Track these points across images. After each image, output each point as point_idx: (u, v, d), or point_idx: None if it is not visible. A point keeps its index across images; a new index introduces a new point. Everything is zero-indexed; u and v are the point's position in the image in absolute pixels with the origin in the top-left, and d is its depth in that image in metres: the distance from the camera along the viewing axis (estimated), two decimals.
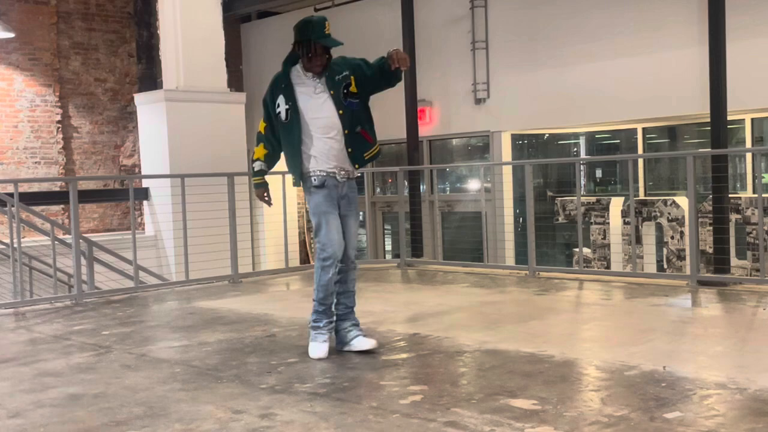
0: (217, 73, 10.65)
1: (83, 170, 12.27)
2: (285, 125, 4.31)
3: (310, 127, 4.27)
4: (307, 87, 4.30)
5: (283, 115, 4.30)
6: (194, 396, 3.57)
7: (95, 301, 6.71)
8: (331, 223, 4.21)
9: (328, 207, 4.23)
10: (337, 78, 4.28)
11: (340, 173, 4.28)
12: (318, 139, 4.27)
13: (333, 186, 4.27)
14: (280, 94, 4.32)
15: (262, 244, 11.85)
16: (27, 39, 11.65)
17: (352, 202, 4.37)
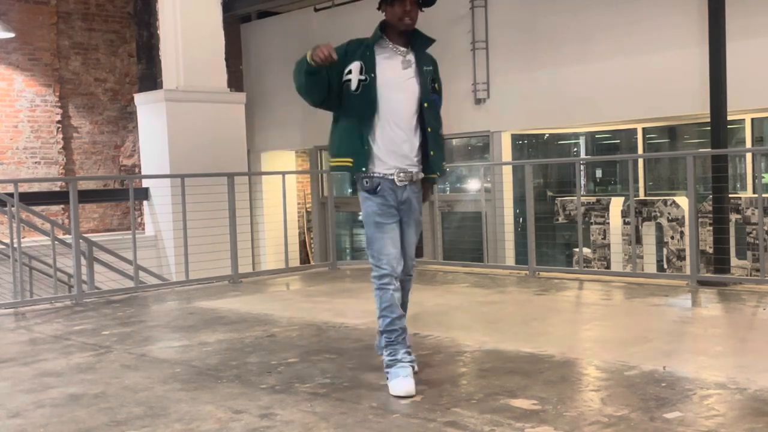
0: (217, 73, 10.65)
1: (83, 170, 12.27)
2: (352, 97, 3.53)
3: (381, 110, 3.55)
4: (392, 59, 3.59)
5: (353, 84, 3.52)
6: (194, 396, 3.56)
7: (95, 301, 6.71)
8: (387, 236, 3.54)
9: (384, 217, 3.55)
10: (425, 68, 3.66)
11: (400, 176, 3.58)
12: (386, 128, 3.55)
13: (390, 190, 3.57)
14: (359, 61, 3.55)
15: (262, 244, 11.87)
16: (27, 39, 11.65)
17: (415, 208, 3.69)
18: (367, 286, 7.18)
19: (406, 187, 3.60)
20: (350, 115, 3.55)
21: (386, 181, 3.57)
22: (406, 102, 3.57)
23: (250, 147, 12.17)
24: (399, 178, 3.57)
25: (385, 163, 3.57)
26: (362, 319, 5.23)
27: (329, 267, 8.48)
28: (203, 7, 10.52)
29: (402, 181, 3.58)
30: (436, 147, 3.68)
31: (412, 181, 3.61)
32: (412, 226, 3.71)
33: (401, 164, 3.59)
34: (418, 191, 3.69)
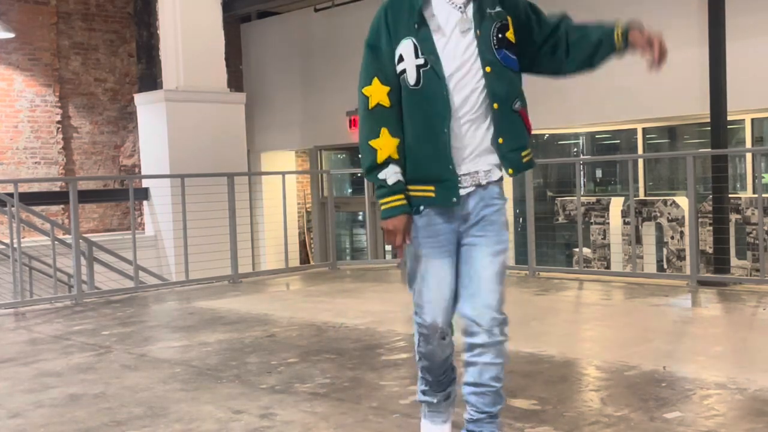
0: (217, 73, 10.65)
1: (83, 170, 12.27)
2: (413, 93, 2.42)
3: (455, 104, 2.42)
4: (444, 20, 2.43)
5: (412, 76, 2.40)
6: (194, 396, 3.56)
7: (95, 301, 6.71)
8: (432, 272, 2.47)
9: (429, 246, 2.46)
10: (489, 12, 2.45)
11: (464, 182, 2.43)
12: (463, 128, 2.44)
13: (444, 208, 2.45)
14: (408, 36, 2.41)
15: (262, 244, 11.87)
16: (27, 39, 11.65)
17: (492, 223, 2.47)
18: (367, 285, 7.20)
19: (471, 195, 2.44)
20: (426, 118, 2.41)
21: None
22: (467, 78, 2.42)
23: (250, 147, 12.17)
24: (463, 185, 2.42)
25: (441, 167, 2.45)
26: (362, 319, 5.23)
27: (329, 267, 8.48)
28: (203, 7, 10.52)
29: (463, 188, 2.42)
30: (509, 131, 2.44)
31: (480, 185, 2.44)
32: (487, 250, 2.44)
33: (467, 165, 2.45)
34: (496, 198, 2.47)
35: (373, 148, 2.41)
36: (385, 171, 2.40)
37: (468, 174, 2.43)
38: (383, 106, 2.42)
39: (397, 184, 2.40)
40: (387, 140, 2.41)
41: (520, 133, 2.47)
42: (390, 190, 2.40)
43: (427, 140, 2.41)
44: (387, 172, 2.40)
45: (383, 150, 2.41)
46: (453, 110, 2.39)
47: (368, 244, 9.57)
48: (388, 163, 2.40)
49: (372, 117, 2.43)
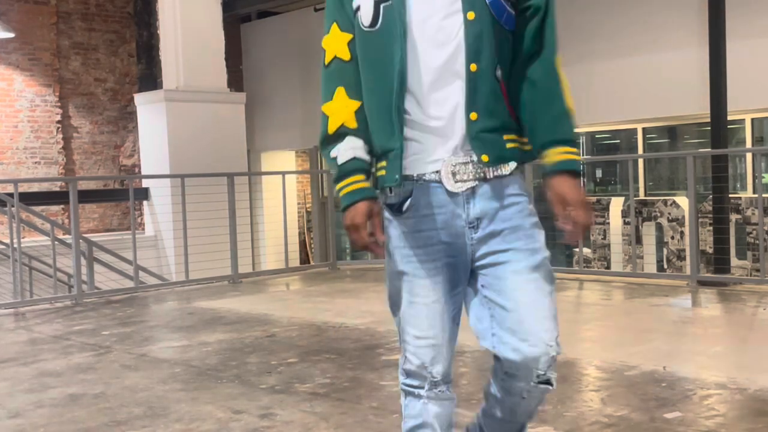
0: (217, 73, 10.65)
1: (83, 170, 12.27)
2: (367, 37, 1.86)
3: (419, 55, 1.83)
4: None
5: (367, 12, 1.86)
6: (194, 396, 3.56)
7: (95, 301, 6.71)
8: (421, 296, 1.90)
9: (417, 259, 1.89)
10: None
11: (461, 172, 1.84)
12: (423, 85, 1.83)
13: (439, 206, 1.86)
14: None
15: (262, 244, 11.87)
16: (27, 39, 11.64)
17: (517, 229, 1.86)
18: (367, 285, 7.20)
19: (476, 194, 1.83)
20: (378, 70, 1.84)
21: (424, 187, 1.84)
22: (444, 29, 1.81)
23: (250, 147, 12.17)
24: (454, 179, 1.82)
25: (425, 152, 1.83)
26: (362, 319, 5.23)
27: (329, 267, 8.48)
28: (203, 7, 10.51)
29: (462, 182, 1.82)
30: (487, 105, 1.82)
31: (485, 179, 1.83)
32: (521, 266, 1.82)
33: (463, 147, 1.83)
34: (515, 195, 1.87)
35: (325, 115, 1.88)
36: (337, 146, 1.85)
37: (465, 162, 1.81)
38: (341, 61, 1.87)
39: (351, 162, 1.83)
40: (341, 103, 1.85)
41: (499, 110, 1.83)
42: (342, 171, 1.85)
43: (378, 98, 1.84)
44: (339, 147, 1.84)
45: (334, 116, 1.86)
46: (413, 63, 1.80)
47: None
48: (342, 134, 1.84)
49: (328, 75, 1.90)
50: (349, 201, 1.85)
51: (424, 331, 1.91)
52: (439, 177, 1.83)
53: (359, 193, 1.85)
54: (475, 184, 1.84)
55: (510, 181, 1.88)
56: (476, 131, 1.82)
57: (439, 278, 1.88)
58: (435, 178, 1.83)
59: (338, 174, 1.87)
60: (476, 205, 1.84)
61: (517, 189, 1.89)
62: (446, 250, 1.86)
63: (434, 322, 1.90)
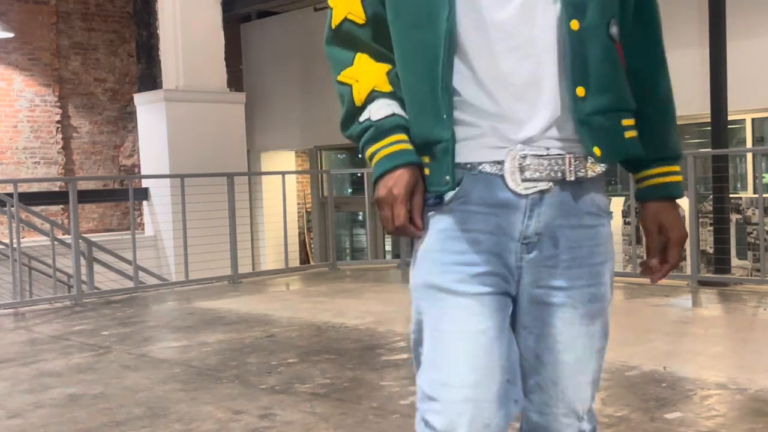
0: (216, 73, 10.64)
1: (83, 170, 12.26)
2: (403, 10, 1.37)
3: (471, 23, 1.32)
4: None
5: None
6: (194, 396, 3.56)
7: (95, 301, 6.71)
8: (457, 324, 1.34)
9: (455, 268, 1.35)
10: None
11: (523, 168, 1.33)
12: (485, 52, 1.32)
13: (496, 206, 1.35)
14: None
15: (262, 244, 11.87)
16: (26, 39, 11.64)
17: (583, 262, 1.39)
18: (367, 286, 7.20)
19: (544, 200, 1.36)
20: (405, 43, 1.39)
21: (480, 180, 1.36)
22: None
23: (249, 147, 12.17)
24: (522, 176, 1.34)
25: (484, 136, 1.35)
26: (362, 320, 5.23)
27: (329, 267, 8.48)
28: (203, 6, 10.51)
29: (531, 181, 1.34)
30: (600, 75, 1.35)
31: (562, 179, 1.35)
32: (573, 314, 1.40)
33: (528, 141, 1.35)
34: (593, 213, 1.41)
35: (346, 84, 1.40)
36: (368, 108, 1.38)
37: (539, 156, 1.31)
38: (353, 24, 1.40)
39: (391, 118, 1.36)
40: (368, 66, 1.39)
41: (617, 82, 1.35)
42: (379, 129, 1.36)
43: (415, 72, 1.36)
44: (371, 108, 1.38)
45: (363, 80, 1.39)
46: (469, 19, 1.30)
47: (368, 244, 9.56)
48: (373, 98, 1.38)
49: (340, 41, 1.42)
50: (390, 165, 1.34)
51: (459, 376, 1.29)
52: (500, 170, 1.32)
53: (402, 155, 1.34)
54: (547, 187, 1.32)
55: (593, 190, 1.37)
56: (586, 113, 1.30)
57: (488, 298, 1.32)
58: (495, 170, 1.32)
59: (372, 133, 1.36)
60: (540, 217, 1.33)
61: (600, 203, 1.39)
62: (495, 264, 1.34)
63: (477, 362, 1.30)
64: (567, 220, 1.36)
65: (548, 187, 1.33)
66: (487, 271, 1.34)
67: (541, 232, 1.35)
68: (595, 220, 1.40)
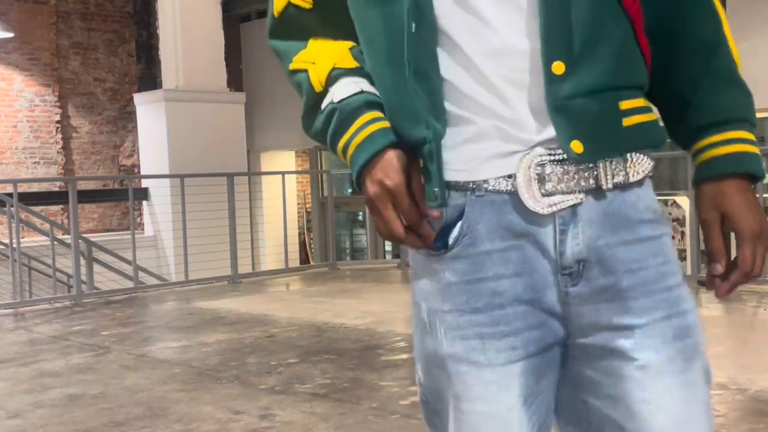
0: (216, 73, 10.64)
1: (82, 170, 12.26)
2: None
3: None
4: None
5: None
6: (194, 396, 3.56)
7: (94, 301, 6.71)
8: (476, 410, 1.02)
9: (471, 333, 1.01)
10: None
11: (554, 176, 0.98)
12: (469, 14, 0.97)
13: (514, 236, 1.00)
14: None
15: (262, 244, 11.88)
16: (26, 39, 11.64)
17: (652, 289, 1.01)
18: (367, 286, 7.19)
19: (579, 215, 1.00)
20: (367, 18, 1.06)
21: (488, 205, 1.01)
22: None
23: (249, 147, 12.17)
24: (542, 189, 0.98)
25: (482, 138, 1.00)
26: (362, 320, 5.22)
27: (329, 267, 8.47)
28: (203, 6, 10.51)
29: (556, 195, 0.99)
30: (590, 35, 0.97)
31: (597, 190, 1.00)
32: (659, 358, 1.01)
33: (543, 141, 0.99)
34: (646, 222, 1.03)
35: (301, 71, 1.15)
36: (330, 91, 1.08)
37: (560, 161, 0.99)
38: (299, 8, 1.16)
39: (358, 96, 1.06)
40: (325, 46, 1.13)
41: (615, 47, 0.99)
42: (347, 110, 1.05)
43: (382, 51, 1.04)
44: (333, 90, 1.08)
45: (321, 61, 1.11)
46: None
47: (368, 245, 9.57)
48: (335, 78, 1.08)
49: (284, 29, 1.23)
50: (371, 151, 1.01)
51: None
52: (513, 185, 0.98)
53: (383, 135, 1.02)
54: (578, 201, 0.98)
55: (640, 195, 1.02)
56: (564, 95, 0.96)
57: (516, 368, 1.01)
58: (505, 186, 0.99)
59: (338, 119, 1.04)
60: (579, 237, 0.99)
61: (652, 209, 1.03)
62: (527, 316, 1.00)
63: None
64: (617, 236, 1.00)
65: (580, 201, 0.99)
66: (516, 329, 1.00)
67: (584, 258, 1.00)
68: (654, 229, 1.03)
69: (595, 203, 1.00)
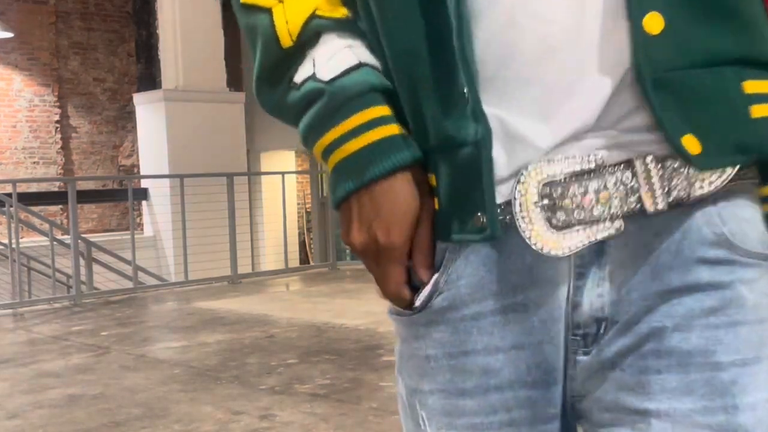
0: (216, 73, 10.64)
1: (82, 170, 12.26)
2: None
3: None
4: None
5: None
6: (193, 397, 3.55)
7: (94, 301, 6.70)
8: None
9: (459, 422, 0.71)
10: None
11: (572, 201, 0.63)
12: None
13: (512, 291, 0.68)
14: None
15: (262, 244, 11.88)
16: (26, 38, 11.64)
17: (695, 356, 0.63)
18: (367, 286, 7.18)
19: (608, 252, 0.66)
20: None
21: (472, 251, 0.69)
22: None
23: (249, 147, 12.16)
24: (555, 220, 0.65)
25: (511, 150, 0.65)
26: (362, 320, 5.22)
27: (329, 267, 8.47)
28: (202, 6, 10.50)
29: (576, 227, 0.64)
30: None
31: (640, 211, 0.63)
32: None
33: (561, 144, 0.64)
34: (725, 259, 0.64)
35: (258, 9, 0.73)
36: (309, 55, 0.70)
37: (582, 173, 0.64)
38: None
39: (357, 72, 0.69)
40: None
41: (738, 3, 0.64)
42: (338, 99, 0.69)
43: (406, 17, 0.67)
44: (316, 54, 0.70)
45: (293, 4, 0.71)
46: None
47: None
48: (314, 31, 0.70)
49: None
50: (375, 173, 0.69)
51: None
52: (507, 216, 0.67)
53: (391, 149, 0.69)
54: (614, 232, 0.65)
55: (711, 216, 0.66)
56: (666, 63, 0.62)
57: None
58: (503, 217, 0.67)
59: (325, 107, 0.70)
60: (604, 286, 0.68)
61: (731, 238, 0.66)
62: (535, 403, 0.72)
63: None
64: (659, 282, 0.65)
65: (616, 232, 0.64)
66: (521, 418, 0.71)
67: (608, 317, 0.67)
68: (721, 272, 0.65)
69: (634, 234, 0.65)
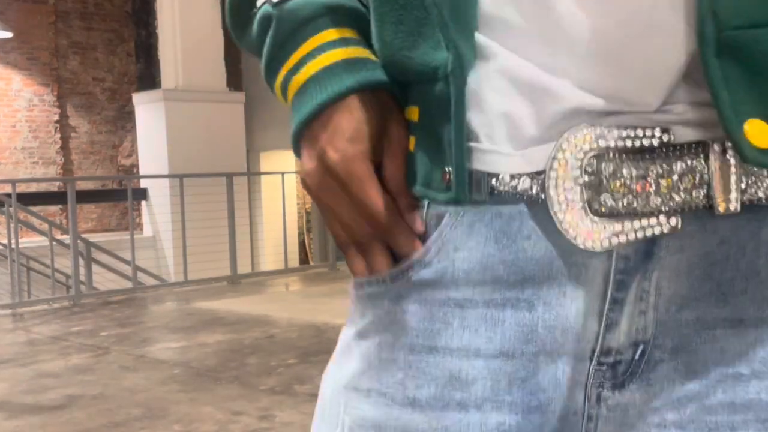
0: (216, 73, 10.64)
1: (81, 170, 12.25)
2: None
3: None
4: None
5: None
6: (193, 397, 3.54)
7: (93, 302, 6.69)
8: None
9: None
10: None
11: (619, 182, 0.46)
12: None
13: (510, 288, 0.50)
14: None
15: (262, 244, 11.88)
16: (25, 38, 11.63)
17: None
18: None
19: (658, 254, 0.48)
20: None
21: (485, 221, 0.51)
22: None
23: (249, 147, 12.16)
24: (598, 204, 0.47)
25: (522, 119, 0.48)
26: None
27: (329, 267, 8.46)
28: (202, 6, 10.50)
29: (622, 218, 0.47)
30: None
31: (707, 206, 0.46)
32: None
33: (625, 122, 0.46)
34: None
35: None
36: None
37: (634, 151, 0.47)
38: None
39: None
40: None
41: None
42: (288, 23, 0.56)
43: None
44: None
45: None
46: None
47: None
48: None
49: None
50: (323, 98, 0.54)
51: None
52: (539, 188, 0.49)
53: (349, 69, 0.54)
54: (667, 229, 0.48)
55: None
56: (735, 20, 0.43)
57: None
58: (528, 187, 0.49)
59: (278, 32, 0.56)
60: (648, 300, 0.50)
61: None
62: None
63: None
64: (723, 305, 0.50)
65: (670, 229, 0.48)
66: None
67: (651, 340, 0.51)
68: None
69: (694, 237, 0.49)
